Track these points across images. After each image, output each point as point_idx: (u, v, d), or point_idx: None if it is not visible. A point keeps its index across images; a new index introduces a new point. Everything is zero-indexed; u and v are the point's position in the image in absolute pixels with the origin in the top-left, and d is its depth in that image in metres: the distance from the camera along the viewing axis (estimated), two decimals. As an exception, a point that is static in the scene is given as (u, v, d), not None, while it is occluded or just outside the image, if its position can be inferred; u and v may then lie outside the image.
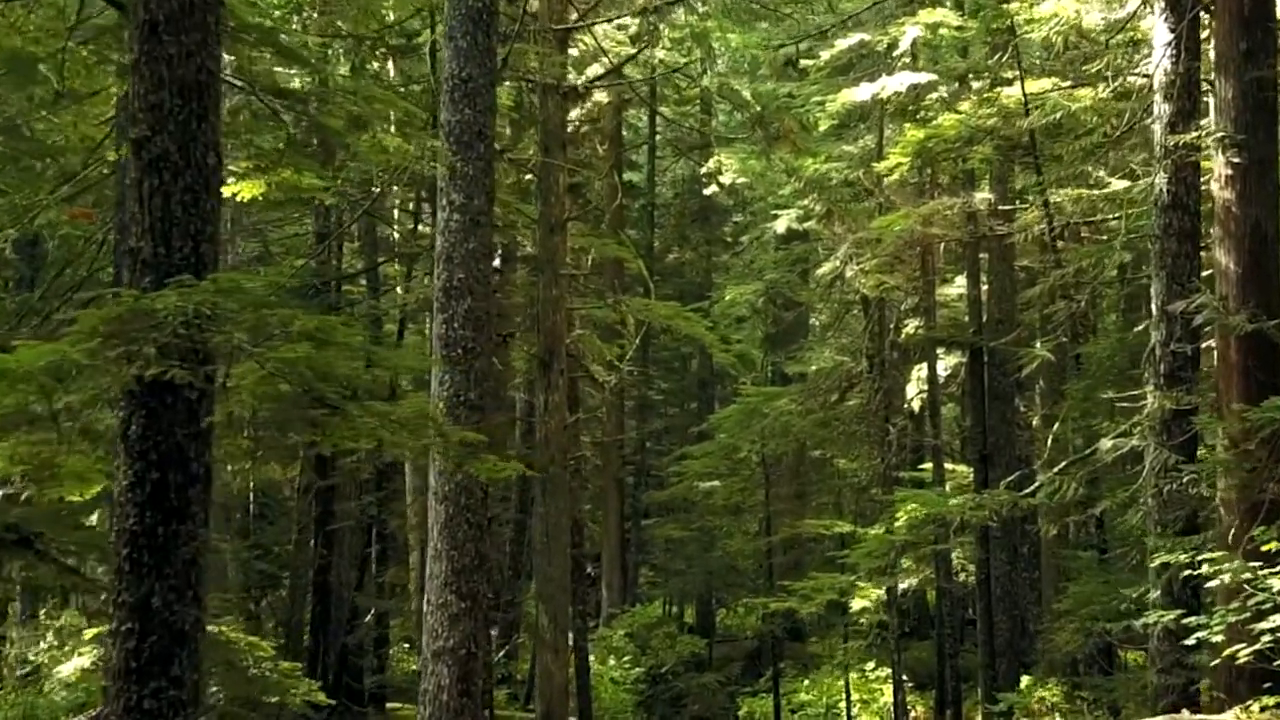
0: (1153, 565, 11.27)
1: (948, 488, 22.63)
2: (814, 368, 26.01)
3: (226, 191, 10.22)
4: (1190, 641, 9.93)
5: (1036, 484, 14.11)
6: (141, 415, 6.63)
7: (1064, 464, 14.27)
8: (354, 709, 23.78)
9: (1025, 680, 21.25)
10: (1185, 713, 9.33)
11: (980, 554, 22.04)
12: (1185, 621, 10.13)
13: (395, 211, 25.53)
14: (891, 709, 23.57)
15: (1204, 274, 13.21)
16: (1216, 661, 9.76)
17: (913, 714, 24.85)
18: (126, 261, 6.79)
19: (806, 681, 26.74)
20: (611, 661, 28.66)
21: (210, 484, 6.83)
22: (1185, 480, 11.88)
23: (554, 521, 19.76)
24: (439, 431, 6.92)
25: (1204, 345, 13.44)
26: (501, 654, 26.66)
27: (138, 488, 6.64)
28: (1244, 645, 8.99)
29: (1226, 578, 9.05)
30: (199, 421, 6.62)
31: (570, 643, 20.92)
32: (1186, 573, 10.23)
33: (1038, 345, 20.28)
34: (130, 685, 6.59)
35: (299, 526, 25.78)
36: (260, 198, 10.17)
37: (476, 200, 13.45)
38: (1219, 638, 9.53)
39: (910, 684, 24.71)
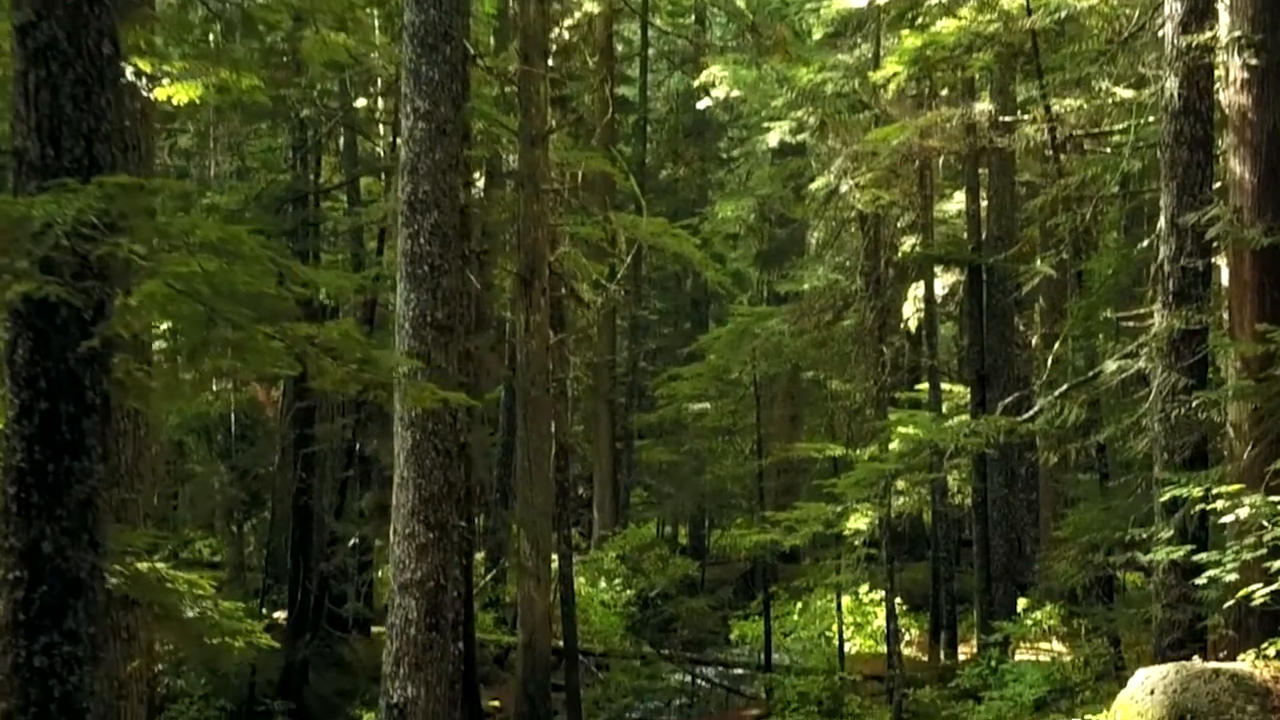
0: (1161, 500, 10.58)
1: (944, 408, 22.03)
2: (807, 286, 25.29)
3: (160, 95, 9.44)
4: (1201, 581, 9.27)
5: (1036, 408, 13.40)
6: (28, 337, 5.85)
7: (1065, 386, 13.58)
8: (336, 634, 23.30)
9: (1022, 603, 20.75)
10: (1196, 659, 8.70)
11: (976, 476, 21.53)
12: (1196, 558, 9.46)
13: (380, 126, 24.72)
14: (885, 635, 23.09)
15: (1216, 185, 12.44)
16: (1230, 603, 9.12)
17: (906, 637, 24.39)
18: (12, 165, 5.99)
19: (799, 604, 26.26)
20: (602, 584, 28.19)
21: (109, 415, 6.07)
22: (1195, 405, 11.17)
23: (536, 446, 19.09)
24: (366, 357, 6.17)
25: (1215, 261, 12.68)
26: (489, 578, 26.18)
27: (25, 419, 5.87)
28: (1260, 585, 8.35)
29: (1244, 512, 8.38)
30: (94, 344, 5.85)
31: (555, 569, 20.34)
32: (1199, 507, 9.55)
33: (1038, 261, 19.56)
34: (19, 640, 5.87)
35: (280, 448, 25.20)
36: (197, 101, 9.34)
37: (443, 107, 12.65)
38: (1232, 575, 8.88)
39: (905, 606, 24.29)
